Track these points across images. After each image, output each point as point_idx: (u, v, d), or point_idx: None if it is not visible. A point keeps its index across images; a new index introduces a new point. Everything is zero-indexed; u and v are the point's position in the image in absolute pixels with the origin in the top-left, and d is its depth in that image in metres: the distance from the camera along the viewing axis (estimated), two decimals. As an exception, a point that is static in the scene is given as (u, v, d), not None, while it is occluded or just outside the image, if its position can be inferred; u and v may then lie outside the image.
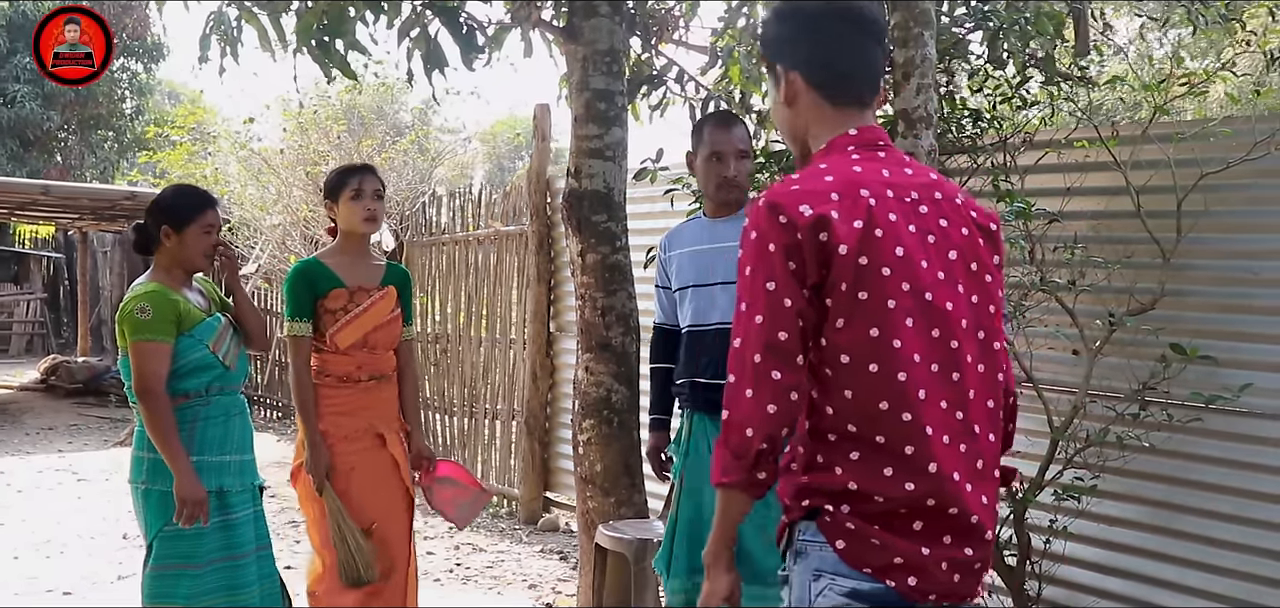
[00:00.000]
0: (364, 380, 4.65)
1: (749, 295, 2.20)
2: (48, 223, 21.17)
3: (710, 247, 4.33)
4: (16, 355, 24.31)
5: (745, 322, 2.19)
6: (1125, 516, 5.10)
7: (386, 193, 4.90)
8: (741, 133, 4.33)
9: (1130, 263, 4.84)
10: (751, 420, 2.16)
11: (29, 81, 25.21)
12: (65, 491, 9.88)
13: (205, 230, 4.38)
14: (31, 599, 6.58)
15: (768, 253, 2.18)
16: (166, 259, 4.39)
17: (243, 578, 4.41)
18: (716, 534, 2.31)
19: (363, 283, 4.67)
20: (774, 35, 2.46)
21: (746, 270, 2.21)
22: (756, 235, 2.21)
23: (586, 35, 5.77)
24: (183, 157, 12.16)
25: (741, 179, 4.29)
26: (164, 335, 4.20)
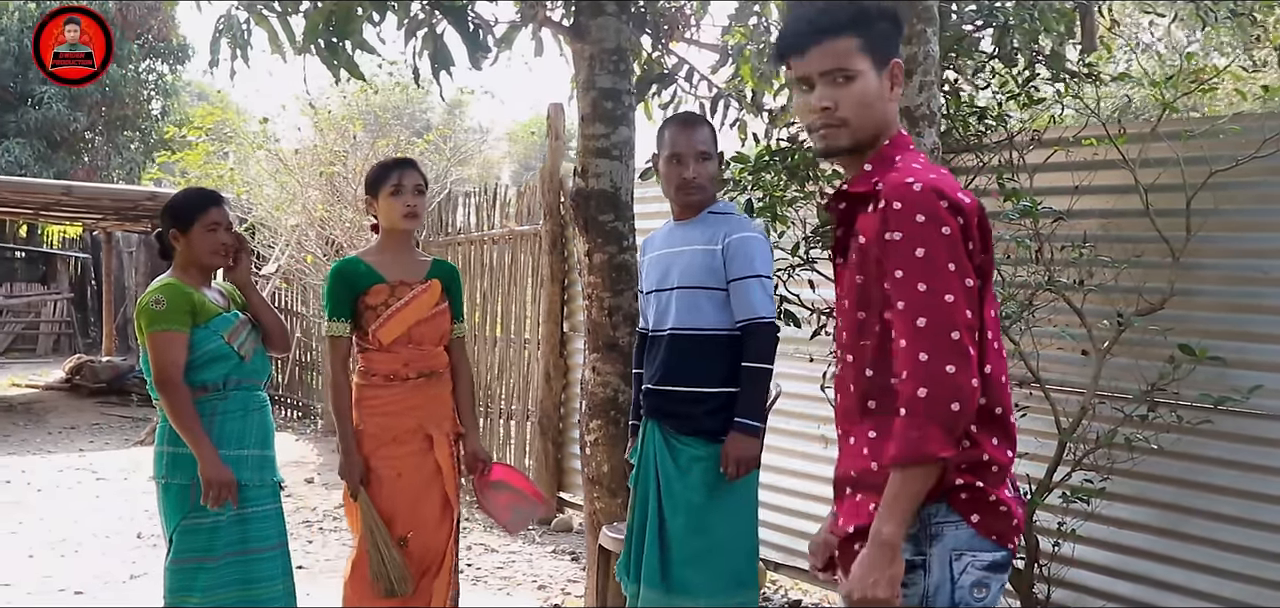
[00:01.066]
0: (412, 378, 4.56)
1: (930, 277, 2.28)
2: (71, 223, 21.31)
3: (668, 251, 4.28)
4: (43, 355, 24.47)
5: (933, 301, 2.27)
6: (1134, 518, 5.05)
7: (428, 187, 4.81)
8: (704, 134, 4.25)
9: (1139, 263, 4.79)
10: (959, 395, 2.24)
11: (55, 83, 25.38)
12: (84, 490, 9.93)
13: (209, 229, 4.43)
14: (44, 598, 6.61)
15: (944, 236, 2.30)
16: (180, 259, 4.47)
17: (260, 573, 4.44)
18: (902, 512, 2.30)
19: (405, 277, 4.59)
20: (887, 29, 2.51)
21: (917, 252, 2.29)
22: (925, 219, 2.30)
23: (593, 34, 5.75)
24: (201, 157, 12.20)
25: (702, 181, 4.20)
26: (179, 325, 4.28)
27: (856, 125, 2.46)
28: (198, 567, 4.32)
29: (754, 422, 4.05)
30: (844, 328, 2.52)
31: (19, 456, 11.70)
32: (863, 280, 2.44)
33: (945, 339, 2.26)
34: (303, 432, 12.95)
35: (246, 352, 4.43)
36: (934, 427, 2.24)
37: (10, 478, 10.42)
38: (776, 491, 6.61)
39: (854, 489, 2.49)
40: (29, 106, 25.48)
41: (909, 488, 2.29)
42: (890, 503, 2.29)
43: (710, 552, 4.10)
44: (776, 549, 6.72)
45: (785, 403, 6.15)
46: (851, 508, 2.48)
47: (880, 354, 2.41)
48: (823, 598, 6.47)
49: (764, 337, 4.07)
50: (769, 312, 4.07)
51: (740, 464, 4.05)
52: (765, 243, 4.17)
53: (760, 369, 4.06)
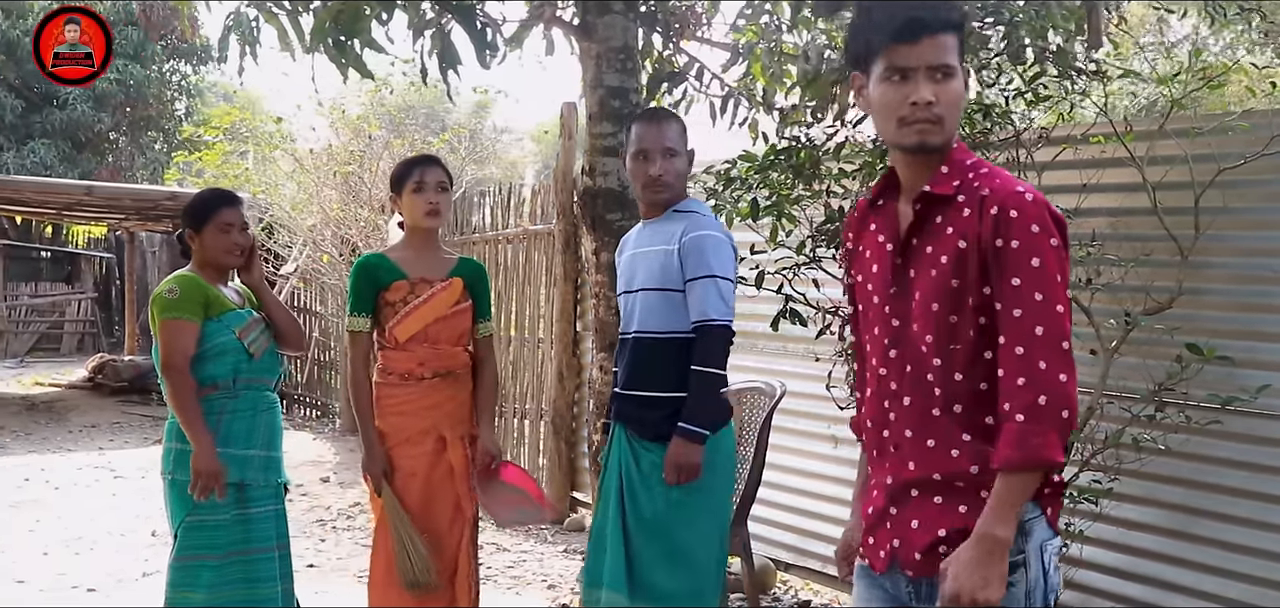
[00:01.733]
0: (428, 378, 4.55)
1: (1044, 285, 2.35)
2: (93, 223, 21.44)
3: (636, 252, 4.25)
4: (68, 354, 24.63)
5: (1048, 311, 2.34)
6: (1142, 519, 5.00)
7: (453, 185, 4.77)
8: (672, 131, 4.17)
9: (1147, 262, 4.74)
10: (1069, 404, 2.31)
11: (80, 84, 25.53)
12: (101, 487, 9.98)
13: (223, 229, 4.50)
14: (57, 596, 6.65)
15: (1053, 247, 2.37)
16: (197, 258, 4.55)
17: (261, 573, 4.48)
18: (1015, 514, 2.34)
19: (426, 275, 4.57)
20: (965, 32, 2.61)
21: (1032, 262, 2.35)
22: (1039, 230, 2.37)
23: (600, 32, 5.76)
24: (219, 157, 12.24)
25: (668, 178, 4.13)
26: (190, 315, 4.35)
27: (949, 124, 2.49)
28: (201, 565, 4.36)
29: (696, 428, 3.97)
30: (926, 330, 2.49)
31: (39, 454, 11.78)
32: (959, 285, 2.45)
33: (1059, 349, 2.33)
34: (320, 431, 12.98)
35: (256, 349, 4.48)
36: (1053, 433, 2.30)
37: (30, 476, 10.49)
38: (785, 490, 6.58)
39: (933, 492, 2.48)
40: (54, 108, 25.66)
41: (1023, 491, 2.34)
42: (1003, 505, 2.32)
43: (670, 558, 4.05)
44: (786, 550, 6.70)
45: (792, 403, 6.12)
46: (932, 512, 2.48)
47: (971, 359, 2.45)
48: (832, 599, 6.44)
49: (713, 339, 3.98)
50: (721, 314, 3.99)
51: (680, 471, 3.99)
52: (724, 243, 4.08)
53: (706, 373, 3.97)
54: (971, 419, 2.44)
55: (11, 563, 7.37)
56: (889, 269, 2.60)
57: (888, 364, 2.58)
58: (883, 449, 2.60)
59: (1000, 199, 2.40)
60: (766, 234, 5.37)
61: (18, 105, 25.48)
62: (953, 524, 2.43)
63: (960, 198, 2.47)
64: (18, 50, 24.93)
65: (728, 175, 5.33)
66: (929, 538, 2.46)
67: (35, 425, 13.97)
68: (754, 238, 5.50)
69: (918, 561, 2.49)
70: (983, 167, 2.53)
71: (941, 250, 2.48)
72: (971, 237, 2.42)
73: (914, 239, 2.55)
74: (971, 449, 2.43)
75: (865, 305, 2.71)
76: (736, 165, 5.34)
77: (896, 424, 2.56)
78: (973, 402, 2.44)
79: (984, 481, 2.40)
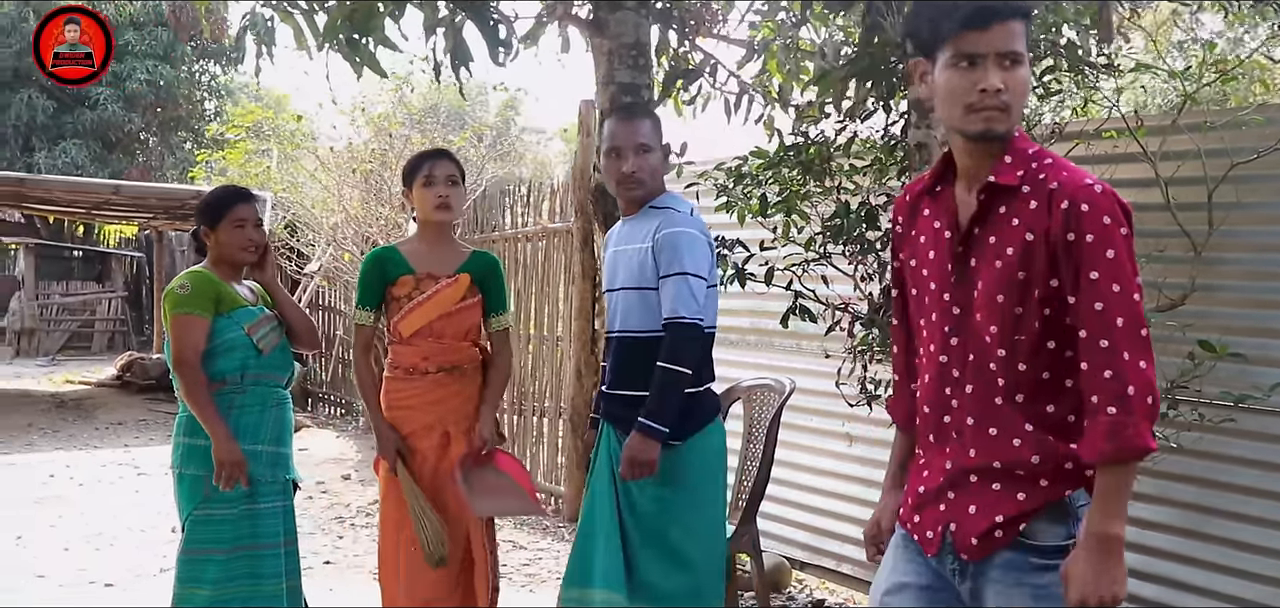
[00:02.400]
0: (432, 373, 4.55)
1: (1120, 276, 2.37)
2: (122, 222, 21.60)
3: (616, 250, 4.24)
4: (98, 352, 24.81)
5: (1126, 301, 2.36)
6: (1155, 518, 4.95)
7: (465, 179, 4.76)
8: (645, 127, 4.15)
9: (1160, 258, 4.69)
10: (1153, 391, 2.36)
11: (110, 85, 25.76)
12: (125, 484, 10.04)
13: (236, 226, 4.54)
14: (76, 591, 6.69)
15: (1125, 238, 2.41)
16: (211, 255, 4.59)
17: (266, 569, 4.50)
18: (1123, 507, 2.38)
19: (433, 270, 4.57)
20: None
21: (1108, 253, 2.37)
22: (1111, 221, 2.39)
23: (612, 29, 5.75)
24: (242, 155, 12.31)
25: (641, 174, 4.11)
26: (201, 310, 4.39)
27: (1015, 112, 2.50)
28: (207, 559, 4.40)
29: (654, 425, 3.92)
30: (990, 321, 2.52)
31: (65, 450, 11.87)
32: (1025, 277, 2.47)
33: (1139, 338, 2.37)
34: (343, 429, 13.03)
35: (266, 346, 4.50)
36: (1145, 422, 2.34)
37: (54, 472, 10.56)
38: (800, 489, 6.56)
39: (992, 479, 2.52)
40: (85, 108, 25.88)
41: (1126, 482, 2.38)
42: (1110, 500, 2.36)
43: (668, 558, 4.02)
44: (801, 548, 6.67)
45: (806, 401, 6.11)
46: (990, 498, 2.52)
47: (1036, 349, 2.48)
48: (848, 599, 6.41)
49: (678, 336, 3.92)
50: (690, 312, 3.93)
51: (633, 466, 3.94)
52: (697, 239, 4.02)
53: (669, 371, 3.91)
54: (1033, 409, 2.49)
55: (32, 559, 7.42)
56: (949, 257, 2.62)
57: (949, 351, 2.61)
58: (942, 434, 2.64)
59: (1070, 193, 2.42)
60: (779, 230, 5.36)
61: (49, 106, 25.72)
62: (1009, 511, 2.49)
63: (1025, 189, 2.48)
64: (49, 51, 25.12)
65: (739, 172, 5.32)
66: (986, 524, 2.51)
67: (63, 423, 14.08)
68: (764, 234, 5.48)
69: (974, 545, 2.54)
70: (1047, 156, 2.53)
71: (1007, 242, 2.50)
72: (1040, 230, 2.44)
73: (976, 228, 2.56)
74: (1033, 439, 2.48)
75: (919, 290, 2.73)
76: (748, 162, 5.32)
77: (958, 411, 2.59)
78: (1035, 391, 2.49)
79: (1043, 470, 2.46)
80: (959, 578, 2.59)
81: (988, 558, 2.53)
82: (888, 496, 2.94)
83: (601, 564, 4.05)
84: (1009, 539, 2.50)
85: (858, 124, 5.15)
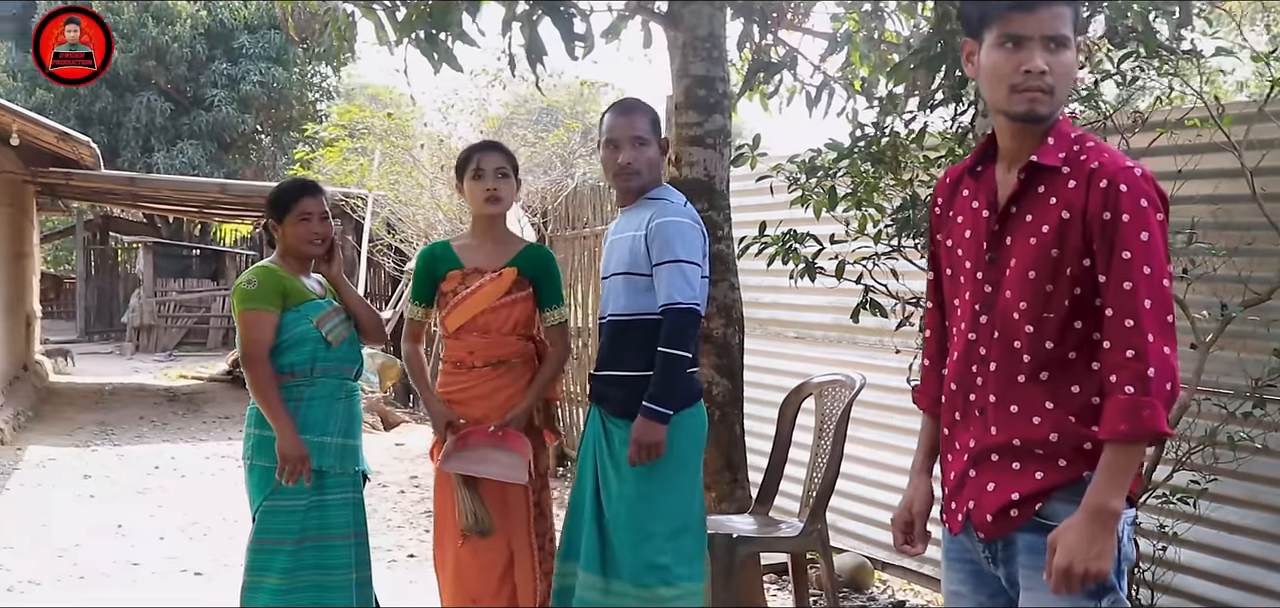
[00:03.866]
0: (479, 367, 4.55)
1: (1152, 259, 2.38)
2: (231, 220, 22.10)
3: (613, 239, 4.30)
4: (213, 348, 25.41)
5: (1156, 284, 2.38)
6: (1242, 522, 4.76)
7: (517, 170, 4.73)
8: (643, 121, 4.23)
9: (1247, 251, 4.50)
10: (1174, 377, 2.36)
11: (225, 87, 26.41)
12: (225, 476, 10.26)
13: (302, 219, 4.56)
14: (167, 578, 6.86)
15: (1160, 222, 2.42)
16: (279, 248, 4.65)
17: (334, 560, 4.54)
18: (1125, 485, 2.40)
19: (481, 264, 4.57)
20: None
21: (1141, 235, 2.38)
22: (1147, 204, 2.40)
23: (687, 21, 5.69)
24: (340, 154, 12.48)
25: (638, 165, 4.19)
26: (268, 305, 4.44)
27: (1059, 96, 2.52)
28: (276, 549, 4.45)
29: (659, 408, 4.01)
30: (1019, 298, 2.53)
31: (171, 443, 12.17)
32: (1059, 254, 2.48)
33: (1165, 323, 2.37)
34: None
35: (334, 338, 4.55)
36: (1162, 405, 2.34)
37: (159, 464, 10.85)
38: (882, 487, 6.44)
39: (1012, 457, 2.53)
40: (201, 110, 26.56)
41: (1134, 462, 2.39)
42: (1115, 476, 2.36)
43: (633, 533, 4.09)
44: (884, 548, 6.55)
45: (882, 397, 6.00)
46: (1008, 476, 2.53)
47: (1064, 327, 2.48)
48: (930, 600, 6.28)
49: (675, 321, 4.01)
50: (686, 297, 4.02)
51: (641, 449, 4.03)
52: (690, 228, 4.12)
53: (671, 355, 4.01)
54: (1057, 388, 2.49)
55: (130, 547, 7.62)
56: (985, 235, 2.63)
57: (977, 329, 2.62)
58: (967, 413, 2.64)
59: (1110, 172, 2.44)
60: (854, 225, 5.26)
61: (167, 108, 26.44)
62: (1026, 489, 2.50)
63: (1066, 169, 2.50)
64: (167, 55, 25.86)
65: (812, 165, 5.23)
66: (1002, 500, 2.52)
67: (173, 416, 14.45)
68: (835, 228, 5.38)
69: (989, 522, 2.55)
70: (1089, 140, 2.55)
71: (1043, 219, 2.51)
72: (1077, 208, 2.46)
73: (1014, 207, 2.57)
74: (1053, 417, 2.48)
75: (955, 270, 2.74)
76: (820, 155, 5.23)
77: (983, 389, 2.60)
78: (1061, 371, 2.49)
79: (1061, 449, 2.47)
80: (992, 562, 2.62)
81: (1011, 541, 2.54)
82: (916, 479, 2.92)
83: (583, 546, 4.18)
84: (1025, 519, 2.51)
85: (927, 114, 5.03)
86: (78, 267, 29.07)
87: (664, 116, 8.56)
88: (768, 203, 5.74)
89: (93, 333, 28.17)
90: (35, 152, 14.40)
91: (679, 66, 5.72)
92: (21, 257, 16.68)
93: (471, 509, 4.42)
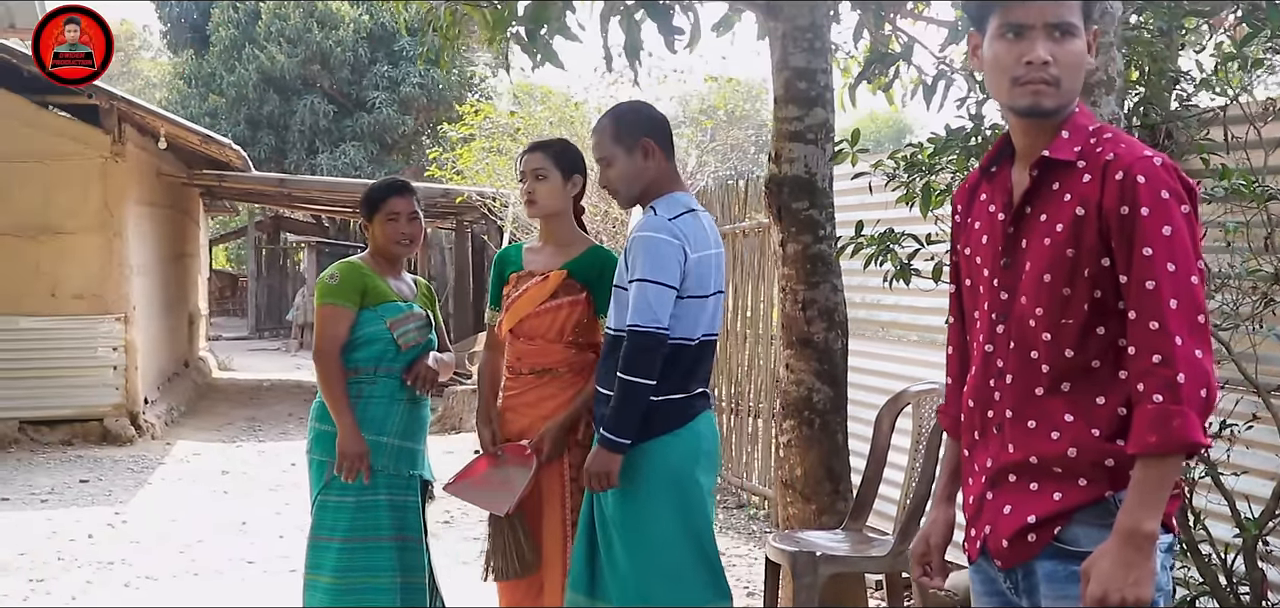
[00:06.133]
0: (525, 374, 4.38)
1: (1176, 255, 2.21)
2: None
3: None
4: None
5: (1182, 282, 2.20)
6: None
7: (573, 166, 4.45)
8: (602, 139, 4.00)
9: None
10: (1208, 381, 2.18)
11: (386, 89, 26.97)
12: (357, 474, 10.34)
13: (390, 218, 4.55)
14: (278, 576, 6.92)
15: (1185, 215, 2.25)
16: (370, 246, 4.67)
17: (378, 562, 4.47)
18: (1161, 504, 2.19)
19: (536, 267, 4.39)
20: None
21: (1164, 230, 2.21)
22: (1169, 196, 2.24)
23: (786, 11, 5.45)
24: (475, 154, 12.52)
25: (608, 185, 4.04)
26: (346, 301, 4.45)
27: (1066, 87, 2.36)
28: (327, 545, 4.47)
29: (611, 436, 3.78)
30: (1036, 303, 2.36)
31: (305, 441, 12.35)
32: (1074, 254, 2.31)
33: (1195, 323, 2.19)
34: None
35: (405, 342, 4.51)
36: (1194, 414, 2.16)
37: (297, 460, 10.92)
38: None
39: (1030, 477, 2.35)
40: (363, 112, 27.19)
41: (1168, 477, 2.19)
42: (1147, 494, 2.18)
43: (612, 561, 3.90)
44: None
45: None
46: (1026, 497, 2.35)
47: (1084, 333, 2.31)
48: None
49: (631, 345, 3.75)
50: (643, 319, 3.73)
51: (590, 476, 3.84)
52: (654, 242, 3.78)
53: (623, 381, 3.75)
54: (1078, 400, 2.31)
55: (249, 544, 7.72)
56: (1000, 239, 2.46)
57: (995, 340, 2.44)
58: (985, 430, 2.46)
59: (1126, 164, 2.27)
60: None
61: (330, 111, 27.14)
62: (1044, 510, 2.31)
63: (1081, 163, 2.34)
64: (331, 59, 26.53)
65: (912, 160, 4.93)
66: (1018, 523, 2.35)
67: (321, 413, 14.72)
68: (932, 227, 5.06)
69: (1005, 548, 2.38)
70: (1107, 132, 2.39)
71: (1057, 218, 2.34)
72: (1092, 203, 2.29)
73: (1028, 207, 2.41)
74: (1073, 431, 2.30)
75: (973, 279, 2.55)
76: (920, 150, 4.93)
77: (1000, 404, 2.42)
78: (1083, 381, 2.31)
79: (1081, 466, 2.28)
80: (1016, 592, 2.41)
81: (1031, 569, 2.34)
82: (937, 508, 2.71)
83: (573, 563, 4.07)
84: (1043, 544, 2.31)
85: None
86: (248, 265, 30.07)
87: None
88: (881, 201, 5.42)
89: (262, 330, 29.14)
90: (194, 155, 14.88)
91: (779, 58, 5.48)
92: (184, 257, 17.23)
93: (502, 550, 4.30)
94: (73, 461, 10.85)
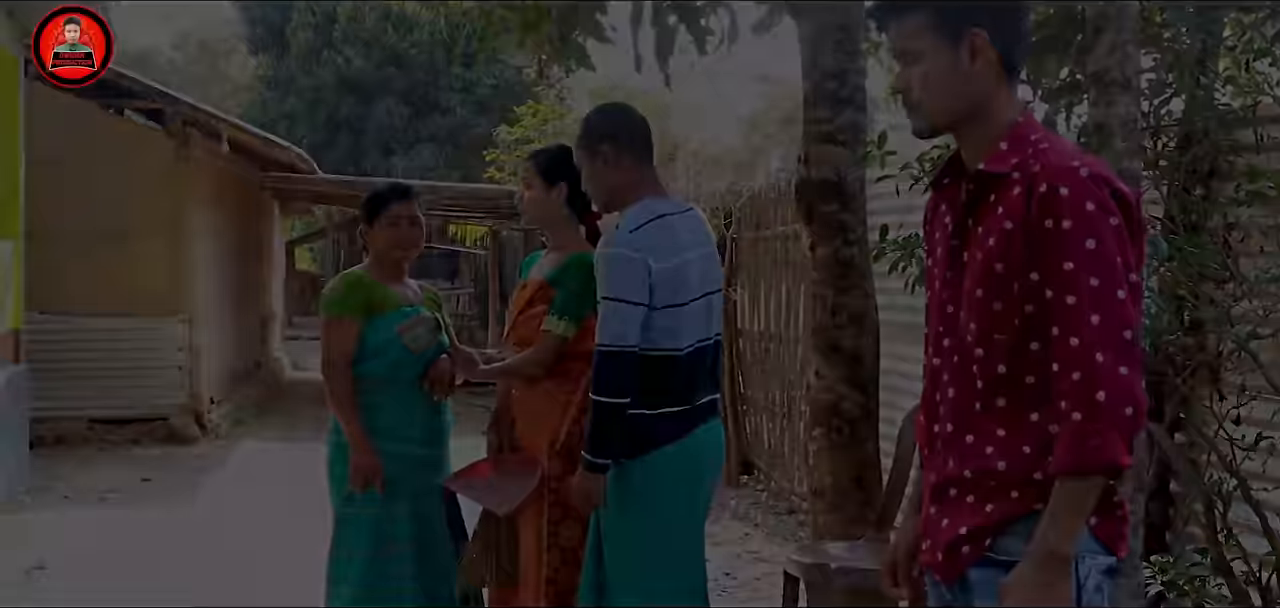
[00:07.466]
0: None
1: (1101, 271, 2.17)
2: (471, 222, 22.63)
3: None
4: (448, 346, 26.18)
5: (1106, 297, 2.16)
6: None
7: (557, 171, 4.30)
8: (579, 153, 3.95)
9: None
10: (1133, 399, 2.15)
11: (461, 91, 27.17)
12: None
13: (391, 223, 4.50)
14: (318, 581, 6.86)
15: (1113, 227, 2.20)
16: (372, 252, 4.58)
17: (401, 572, 4.43)
18: (1076, 525, 2.18)
19: (532, 274, 4.38)
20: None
21: (1087, 244, 2.17)
22: (1095, 208, 2.19)
23: (815, 11, 5.37)
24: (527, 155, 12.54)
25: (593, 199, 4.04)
26: (350, 313, 4.41)
27: (929, 107, 2.36)
28: (349, 559, 4.44)
29: (590, 457, 3.69)
30: (970, 319, 2.33)
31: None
32: (1003, 269, 2.27)
33: (1120, 339, 2.15)
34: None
35: (416, 346, 4.44)
36: (1114, 433, 2.13)
37: (357, 462, 11.07)
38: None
39: (966, 491, 2.33)
40: (438, 114, 27.42)
41: (1085, 498, 2.17)
42: (1063, 516, 2.16)
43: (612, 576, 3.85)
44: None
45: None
46: (962, 510, 2.33)
47: (1015, 349, 2.28)
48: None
49: (598, 365, 3.67)
50: (608, 337, 3.65)
51: (576, 497, 3.78)
52: (611, 257, 3.68)
53: (593, 401, 3.68)
54: (1011, 416, 2.29)
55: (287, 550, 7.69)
56: (948, 253, 2.45)
57: (941, 354, 2.44)
58: (932, 445, 2.46)
59: (1049, 175, 2.22)
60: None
61: (405, 112, 27.39)
62: (974, 523, 2.30)
63: (1015, 175, 2.29)
64: (405, 61, 26.79)
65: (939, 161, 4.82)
66: (950, 536, 2.34)
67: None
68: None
69: (940, 561, 2.37)
70: (1043, 141, 2.34)
71: (990, 232, 2.30)
72: (1018, 217, 2.25)
73: (970, 220, 2.38)
74: (1005, 446, 2.28)
75: (931, 294, 2.52)
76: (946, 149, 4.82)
77: (943, 419, 2.42)
78: (1016, 396, 2.28)
79: (1012, 479, 2.26)
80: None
81: (964, 579, 2.32)
82: (907, 520, 2.69)
83: (583, 574, 4.00)
84: (977, 555, 2.29)
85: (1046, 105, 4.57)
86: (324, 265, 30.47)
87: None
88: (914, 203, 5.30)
89: (340, 330, 29.41)
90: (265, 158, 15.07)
91: (808, 59, 5.40)
92: (255, 257, 17.47)
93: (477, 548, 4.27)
94: (137, 460, 11.03)
